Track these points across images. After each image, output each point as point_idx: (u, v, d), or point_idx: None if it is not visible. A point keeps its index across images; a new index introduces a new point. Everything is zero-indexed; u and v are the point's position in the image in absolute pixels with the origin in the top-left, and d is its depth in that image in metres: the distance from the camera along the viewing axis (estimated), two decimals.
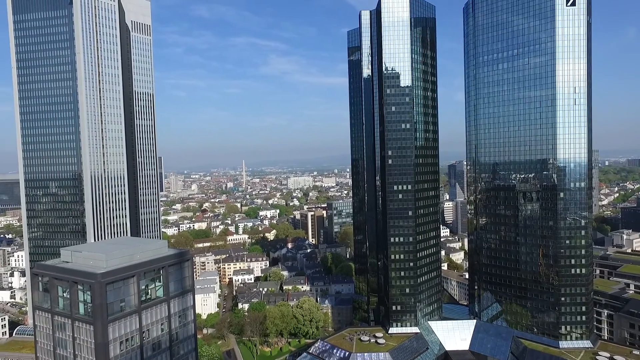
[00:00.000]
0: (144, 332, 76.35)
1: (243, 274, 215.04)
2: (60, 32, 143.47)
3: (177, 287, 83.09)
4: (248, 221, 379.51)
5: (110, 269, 72.41)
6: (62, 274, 74.73)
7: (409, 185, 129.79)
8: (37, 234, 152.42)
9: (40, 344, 79.75)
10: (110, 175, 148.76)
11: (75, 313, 72.83)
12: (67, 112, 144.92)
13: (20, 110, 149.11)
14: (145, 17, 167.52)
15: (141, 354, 75.97)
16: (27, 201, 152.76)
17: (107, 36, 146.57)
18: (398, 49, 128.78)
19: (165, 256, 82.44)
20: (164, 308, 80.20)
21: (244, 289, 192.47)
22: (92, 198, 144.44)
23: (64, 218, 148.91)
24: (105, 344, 70.26)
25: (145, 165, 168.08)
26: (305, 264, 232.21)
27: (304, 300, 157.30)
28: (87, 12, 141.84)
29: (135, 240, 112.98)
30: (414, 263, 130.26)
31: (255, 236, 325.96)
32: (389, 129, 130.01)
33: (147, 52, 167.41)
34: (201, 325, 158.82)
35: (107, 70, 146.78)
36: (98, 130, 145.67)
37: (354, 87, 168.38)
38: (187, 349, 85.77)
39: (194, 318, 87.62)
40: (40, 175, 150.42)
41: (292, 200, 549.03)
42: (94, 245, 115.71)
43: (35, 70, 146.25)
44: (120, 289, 73.15)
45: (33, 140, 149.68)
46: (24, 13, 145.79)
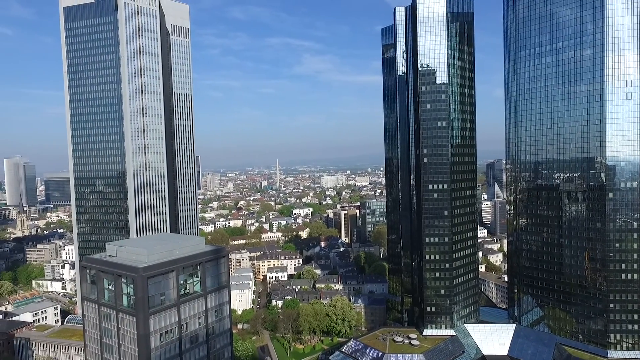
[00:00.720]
0: (182, 325, 79.02)
1: (277, 272, 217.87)
2: (106, 38, 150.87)
3: (213, 282, 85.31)
4: (282, 219, 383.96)
5: (151, 264, 75.41)
6: (107, 268, 78.65)
7: (445, 185, 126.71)
8: (85, 229, 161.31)
9: (88, 332, 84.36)
10: (151, 173, 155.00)
11: (119, 305, 76.43)
12: (112, 114, 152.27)
13: (70, 112, 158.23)
14: (184, 20, 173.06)
15: (180, 346, 78.71)
16: (77, 198, 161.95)
17: (149, 40, 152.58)
18: (434, 45, 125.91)
19: (202, 252, 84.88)
20: (202, 302, 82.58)
21: (278, 286, 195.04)
22: (134, 195, 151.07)
23: (109, 214, 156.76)
24: (147, 335, 73.29)
25: (183, 164, 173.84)
26: (338, 263, 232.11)
27: (336, 299, 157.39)
28: (131, 17, 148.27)
29: (174, 237, 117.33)
30: (450, 264, 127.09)
31: (288, 234, 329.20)
32: (424, 127, 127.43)
33: (185, 54, 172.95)
34: (236, 320, 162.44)
35: (148, 73, 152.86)
36: (140, 130, 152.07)
37: (388, 85, 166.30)
38: (223, 343, 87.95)
39: (229, 313, 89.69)
40: (88, 173, 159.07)
41: (325, 199, 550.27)
42: (136, 240, 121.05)
43: (83, 75, 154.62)
44: (161, 283, 76.04)
45: (82, 141, 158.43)
46: (74, 21, 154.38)
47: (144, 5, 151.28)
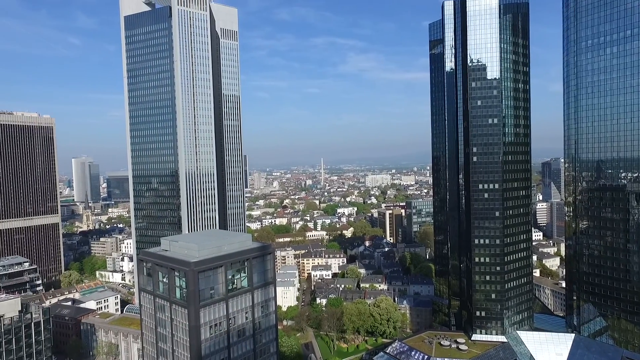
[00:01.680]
0: (230, 319, 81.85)
1: (321, 270, 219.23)
2: (161, 43, 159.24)
3: (260, 278, 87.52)
4: (326, 218, 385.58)
5: (202, 259, 78.78)
6: (161, 261, 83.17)
7: (496, 184, 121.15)
8: (142, 224, 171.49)
9: (145, 322, 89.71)
10: (201, 172, 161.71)
11: (172, 297, 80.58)
12: (166, 115, 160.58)
13: (129, 114, 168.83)
14: (233, 24, 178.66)
15: (228, 339, 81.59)
16: (134, 195, 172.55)
17: (200, 44, 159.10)
18: (484, 39, 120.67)
19: (249, 249, 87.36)
20: (248, 298, 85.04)
21: (322, 284, 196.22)
22: (186, 193, 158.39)
23: (163, 210, 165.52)
24: (197, 326, 76.71)
25: (232, 163, 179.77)
26: (383, 263, 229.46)
27: (381, 299, 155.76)
28: (184, 23, 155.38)
29: (223, 233, 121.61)
30: (501, 267, 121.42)
31: (333, 233, 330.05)
32: (474, 125, 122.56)
33: (234, 56, 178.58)
34: (281, 316, 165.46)
35: (199, 76, 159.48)
36: (192, 131, 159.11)
37: (435, 82, 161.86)
38: (268, 338, 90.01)
39: (275, 309, 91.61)
40: (144, 172, 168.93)
41: (369, 198, 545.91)
42: (188, 236, 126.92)
43: (141, 79, 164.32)
44: (210, 277, 79.25)
45: (139, 141, 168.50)
46: (133, 29, 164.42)
47: (196, 10, 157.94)
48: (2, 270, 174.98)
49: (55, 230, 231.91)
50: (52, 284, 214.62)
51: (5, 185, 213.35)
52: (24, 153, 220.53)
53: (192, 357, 77.10)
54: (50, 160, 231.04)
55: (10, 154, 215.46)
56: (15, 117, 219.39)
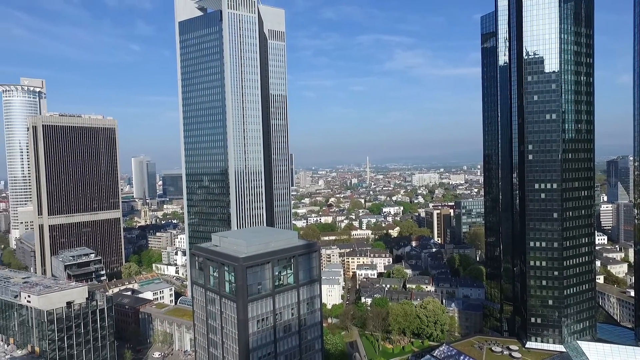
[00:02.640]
0: (276, 314, 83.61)
1: (366, 269, 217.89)
2: (212, 46, 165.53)
3: (305, 275, 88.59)
4: (371, 217, 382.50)
5: (250, 255, 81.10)
6: (212, 256, 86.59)
7: (554, 184, 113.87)
8: (194, 220, 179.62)
9: (196, 313, 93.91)
10: (250, 170, 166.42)
11: (222, 290, 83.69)
12: (217, 115, 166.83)
13: (183, 115, 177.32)
14: (280, 25, 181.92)
15: (274, 333, 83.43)
16: (187, 192, 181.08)
17: (249, 45, 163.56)
18: (542, 29, 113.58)
19: (295, 246, 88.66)
20: (294, 294, 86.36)
21: (367, 283, 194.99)
22: (235, 191, 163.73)
23: (214, 207, 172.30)
24: (246, 320, 79.09)
25: (278, 162, 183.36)
26: (430, 264, 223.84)
27: (428, 300, 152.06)
28: (233, 26, 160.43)
29: (270, 230, 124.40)
30: (559, 272, 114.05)
31: (378, 232, 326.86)
32: (529, 121, 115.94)
33: (281, 57, 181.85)
34: (326, 314, 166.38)
35: (248, 77, 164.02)
36: (240, 130, 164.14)
37: (487, 77, 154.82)
38: (313, 335, 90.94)
39: (320, 306, 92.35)
40: (197, 170, 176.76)
41: (416, 198, 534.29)
42: (237, 232, 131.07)
43: (193, 81, 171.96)
44: (258, 273, 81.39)
45: (192, 140, 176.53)
46: (187, 33, 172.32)
47: (245, 13, 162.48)
48: (72, 260, 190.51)
49: (116, 224, 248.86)
50: (114, 274, 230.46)
51: (74, 182, 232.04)
52: (90, 153, 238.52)
53: (240, 349, 79.68)
54: (113, 159, 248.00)
55: (78, 153, 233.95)
56: (83, 119, 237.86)
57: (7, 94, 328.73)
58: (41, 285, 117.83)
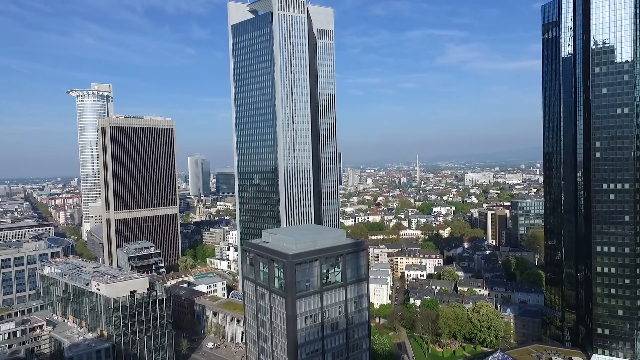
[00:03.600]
0: (324, 311, 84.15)
1: (415, 270, 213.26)
2: (263, 48, 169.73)
3: (353, 274, 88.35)
4: (421, 217, 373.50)
5: (298, 252, 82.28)
6: (262, 252, 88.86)
7: (626, 184, 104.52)
8: (245, 217, 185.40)
9: (247, 307, 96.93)
10: (298, 169, 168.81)
11: (272, 286, 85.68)
12: (267, 115, 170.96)
13: (235, 115, 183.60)
14: (329, 24, 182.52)
15: (322, 330, 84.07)
16: (239, 190, 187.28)
17: (298, 45, 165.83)
18: (614, 16, 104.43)
19: (343, 244, 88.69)
20: (342, 292, 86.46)
21: (416, 284, 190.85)
22: (284, 189, 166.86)
23: (264, 205, 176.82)
24: (294, 316, 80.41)
25: (327, 160, 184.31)
26: (484, 266, 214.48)
27: (481, 304, 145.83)
28: (283, 27, 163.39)
29: (318, 228, 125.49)
30: (631, 280, 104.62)
31: (428, 232, 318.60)
32: (597, 116, 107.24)
33: (330, 56, 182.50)
34: (373, 314, 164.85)
35: (297, 76, 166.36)
36: (290, 129, 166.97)
37: (548, 70, 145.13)
38: (361, 334, 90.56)
39: (368, 306, 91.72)
40: (248, 168, 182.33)
41: (469, 197, 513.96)
42: (286, 229, 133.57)
43: (245, 82, 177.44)
44: (306, 270, 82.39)
45: (243, 140, 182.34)
46: (239, 36, 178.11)
47: (295, 14, 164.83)
48: (135, 252, 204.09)
49: (174, 220, 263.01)
50: (171, 267, 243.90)
51: (137, 180, 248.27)
52: (150, 152, 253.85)
53: (289, 344, 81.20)
54: (171, 158, 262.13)
55: (140, 153, 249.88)
56: (145, 120, 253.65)
57: (80, 98, 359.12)
58: (108, 275, 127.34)
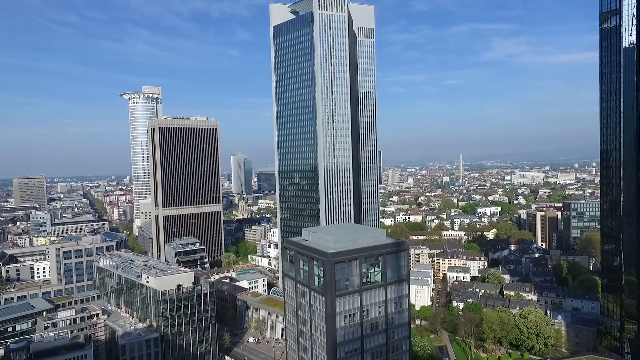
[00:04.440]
0: (364, 311, 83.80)
1: (458, 272, 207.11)
2: (304, 47, 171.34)
3: (393, 274, 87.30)
4: (464, 217, 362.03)
5: (338, 250, 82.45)
6: (302, 250, 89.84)
7: None
8: (285, 215, 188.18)
9: (287, 304, 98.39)
10: (338, 168, 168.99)
11: (311, 284, 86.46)
12: (307, 114, 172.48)
13: (276, 115, 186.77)
14: (370, 21, 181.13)
15: (361, 330, 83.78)
16: (280, 189, 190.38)
17: (338, 44, 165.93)
18: None
19: (383, 244, 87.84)
20: (382, 292, 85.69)
21: (459, 287, 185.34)
22: (324, 188, 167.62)
23: (304, 203, 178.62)
24: (333, 314, 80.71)
25: (367, 159, 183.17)
26: (532, 270, 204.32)
27: (529, 310, 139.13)
28: (323, 26, 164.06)
29: (358, 227, 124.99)
30: None
31: (472, 233, 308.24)
32: None
33: (370, 54, 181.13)
34: (414, 316, 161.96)
35: (337, 75, 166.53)
36: (330, 128, 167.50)
37: (606, 62, 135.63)
38: (401, 335, 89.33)
39: (408, 307, 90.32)
40: (288, 167, 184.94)
41: (516, 198, 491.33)
42: (326, 228, 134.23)
43: (286, 82, 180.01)
44: (345, 269, 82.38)
45: (284, 139, 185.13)
46: (280, 36, 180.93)
47: (335, 13, 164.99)
48: (181, 248, 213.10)
49: (218, 217, 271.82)
50: (215, 262, 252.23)
51: (183, 178, 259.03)
52: (196, 151, 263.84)
53: (328, 342, 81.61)
54: (215, 157, 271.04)
55: (186, 152, 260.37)
56: (191, 121, 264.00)
57: (132, 100, 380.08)
58: (157, 269, 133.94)
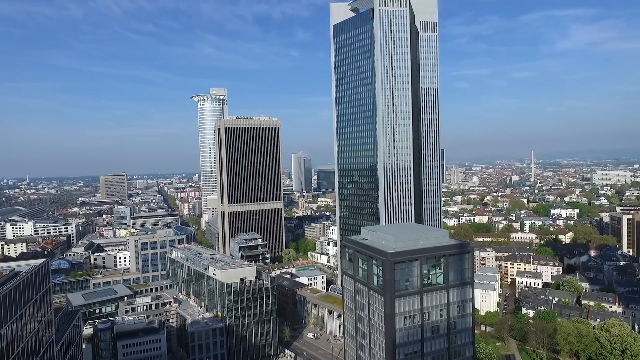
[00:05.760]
0: (424, 313, 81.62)
1: (529, 277, 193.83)
2: (364, 45, 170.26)
3: (456, 277, 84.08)
4: (536, 219, 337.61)
5: (398, 250, 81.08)
6: (361, 249, 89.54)
7: None
8: (344, 214, 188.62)
9: (346, 302, 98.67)
10: (398, 166, 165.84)
11: (370, 283, 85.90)
12: (367, 112, 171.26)
13: (336, 114, 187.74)
14: (432, 15, 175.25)
15: (422, 332, 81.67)
16: (339, 187, 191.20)
17: (399, 40, 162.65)
18: None
19: (446, 245, 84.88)
20: (443, 295, 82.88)
21: (529, 293, 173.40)
22: (384, 186, 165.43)
23: (363, 202, 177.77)
24: (392, 315, 79.52)
25: (428, 157, 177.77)
26: (616, 279, 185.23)
27: (612, 322, 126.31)
28: (384, 22, 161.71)
29: (419, 227, 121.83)
30: None
31: (544, 237, 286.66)
32: None
33: (433, 48, 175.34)
34: (479, 321, 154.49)
35: (398, 72, 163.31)
36: (390, 126, 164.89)
37: None
38: (464, 341, 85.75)
39: (472, 311, 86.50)
40: (348, 165, 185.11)
41: (597, 199, 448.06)
42: (385, 227, 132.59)
43: (346, 80, 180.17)
44: (405, 269, 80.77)
45: (344, 137, 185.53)
46: (340, 35, 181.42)
47: (396, 8, 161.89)
48: (244, 243, 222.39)
49: (279, 214, 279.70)
50: (276, 258, 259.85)
51: (247, 175, 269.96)
52: (258, 150, 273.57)
53: (387, 343, 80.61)
54: (276, 155, 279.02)
55: (250, 151, 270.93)
56: (254, 121, 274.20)
57: (200, 102, 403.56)
58: (222, 262, 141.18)
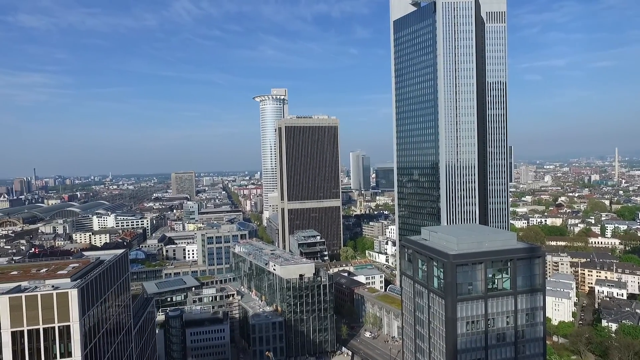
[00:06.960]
0: (489, 319, 77.61)
1: (611, 286, 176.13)
2: (425, 40, 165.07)
3: (525, 283, 79.01)
4: (620, 223, 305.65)
5: (460, 252, 77.82)
6: (421, 250, 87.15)
7: None
8: (404, 213, 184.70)
9: (405, 303, 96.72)
10: (462, 164, 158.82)
11: (430, 285, 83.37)
12: (428, 109, 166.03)
13: (396, 111, 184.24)
14: (500, 4, 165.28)
15: (485, 339, 77.75)
16: (398, 185, 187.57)
17: (463, 33, 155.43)
18: None
19: (514, 249, 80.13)
20: (510, 301, 78.27)
21: (611, 304, 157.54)
22: (446, 185, 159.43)
23: (423, 201, 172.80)
24: (454, 319, 76.54)
25: (495, 155, 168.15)
26: None
27: None
28: (447, 15, 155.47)
29: (483, 228, 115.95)
30: None
31: (630, 242, 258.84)
32: None
33: (500, 40, 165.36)
34: (550, 331, 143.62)
35: (462, 66, 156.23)
36: (453, 123, 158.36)
37: None
38: (534, 351, 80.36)
39: (543, 320, 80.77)
40: (407, 164, 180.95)
41: None
42: (447, 228, 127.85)
43: (406, 76, 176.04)
44: (468, 272, 77.30)
45: (403, 135, 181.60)
46: (401, 30, 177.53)
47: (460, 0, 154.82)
48: (303, 240, 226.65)
49: (337, 212, 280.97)
50: (333, 256, 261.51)
51: (306, 173, 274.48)
52: (317, 148, 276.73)
53: (447, 348, 77.80)
54: (335, 154, 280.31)
55: (309, 149, 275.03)
56: (313, 120, 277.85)
57: (262, 102, 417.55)
58: (282, 258, 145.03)
